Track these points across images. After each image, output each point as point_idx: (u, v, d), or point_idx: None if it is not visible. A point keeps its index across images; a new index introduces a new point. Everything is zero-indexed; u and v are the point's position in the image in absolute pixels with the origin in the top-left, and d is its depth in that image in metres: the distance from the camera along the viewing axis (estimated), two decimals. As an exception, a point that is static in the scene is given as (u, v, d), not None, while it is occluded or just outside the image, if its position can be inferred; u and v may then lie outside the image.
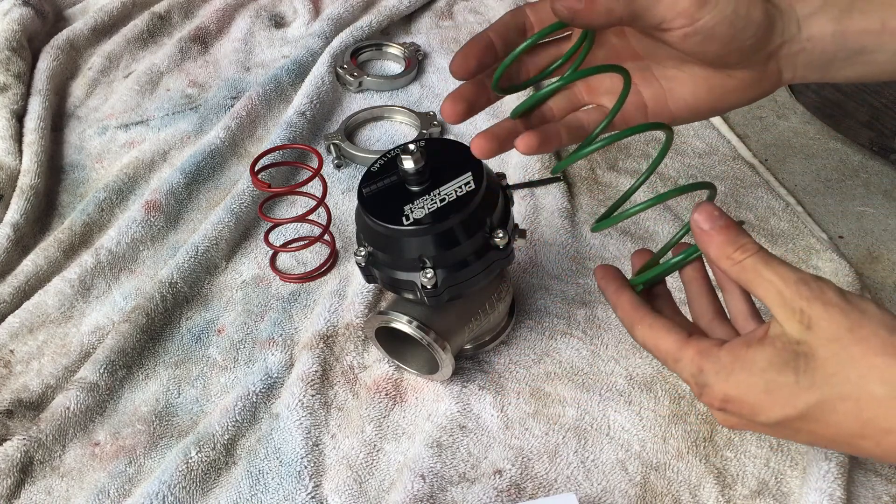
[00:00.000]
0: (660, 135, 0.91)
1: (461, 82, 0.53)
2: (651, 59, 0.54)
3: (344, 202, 0.82)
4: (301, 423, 0.62)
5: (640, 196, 0.55)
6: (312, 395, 0.64)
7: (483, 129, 0.54)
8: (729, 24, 0.48)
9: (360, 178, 0.59)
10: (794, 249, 0.74)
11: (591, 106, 0.57)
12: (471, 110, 0.53)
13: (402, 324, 0.59)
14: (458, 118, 0.52)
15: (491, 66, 0.52)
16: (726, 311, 0.52)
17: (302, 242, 0.75)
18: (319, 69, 0.94)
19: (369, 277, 0.61)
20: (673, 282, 0.56)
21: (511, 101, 0.58)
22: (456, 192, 0.55)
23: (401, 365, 0.65)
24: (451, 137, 0.88)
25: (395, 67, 0.99)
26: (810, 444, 0.50)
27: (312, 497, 0.58)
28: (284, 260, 0.77)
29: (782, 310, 0.43)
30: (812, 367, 0.42)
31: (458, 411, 0.63)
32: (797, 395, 0.42)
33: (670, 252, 0.55)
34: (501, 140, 0.53)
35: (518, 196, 0.79)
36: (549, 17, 0.54)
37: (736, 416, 0.45)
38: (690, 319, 0.54)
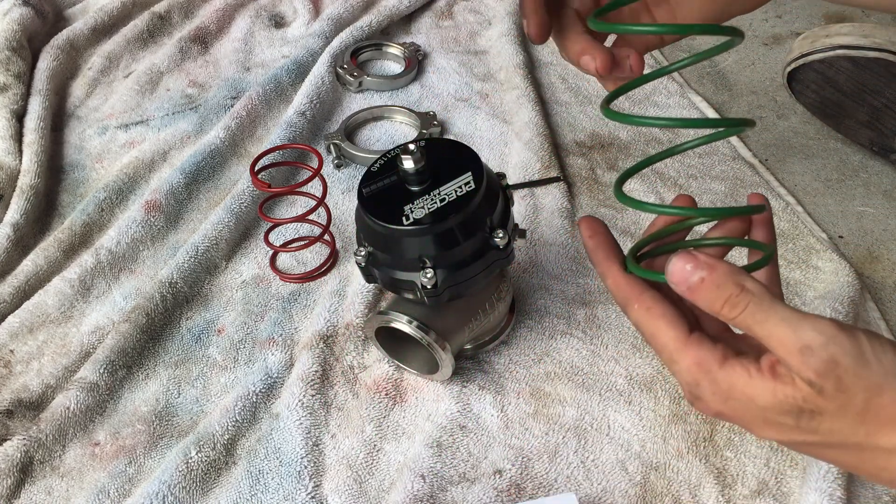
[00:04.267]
0: (660, 135, 0.91)
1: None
2: None
3: (344, 202, 0.82)
4: (301, 423, 0.62)
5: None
6: (312, 395, 0.64)
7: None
8: None
9: (360, 178, 0.59)
10: (794, 249, 0.74)
11: None
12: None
13: (402, 324, 0.59)
14: (542, 31, 0.55)
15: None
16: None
17: (302, 242, 0.75)
18: (319, 69, 0.94)
19: (369, 277, 0.61)
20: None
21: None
22: (456, 192, 0.55)
23: (401, 365, 0.65)
24: (451, 137, 0.88)
25: (395, 67, 0.99)
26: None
27: (312, 497, 0.58)
28: (284, 260, 0.77)
29: (789, 373, 0.39)
30: (816, 421, 0.39)
31: (458, 411, 0.63)
32: (796, 433, 0.40)
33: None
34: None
35: (518, 196, 0.79)
36: None
37: (727, 422, 0.44)
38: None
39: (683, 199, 0.51)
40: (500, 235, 0.56)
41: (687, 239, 0.51)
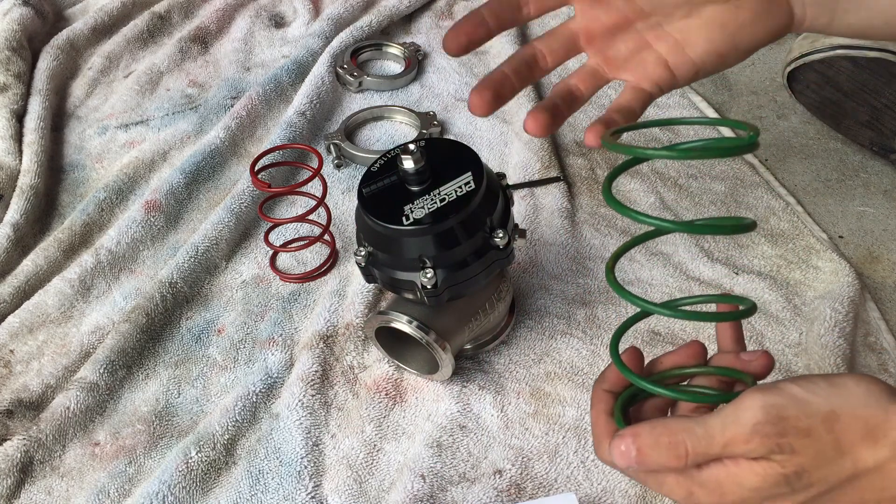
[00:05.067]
0: (659, 135, 0.91)
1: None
2: (659, 14, 0.54)
3: (344, 202, 0.82)
4: (301, 423, 0.62)
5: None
6: (312, 395, 0.64)
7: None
8: None
9: (360, 178, 0.59)
10: (794, 249, 0.74)
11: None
12: (498, 99, 0.53)
13: (402, 324, 0.59)
14: (486, 108, 0.52)
15: (482, 42, 0.53)
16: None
17: (302, 242, 0.75)
18: (319, 69, 0.94)
19: (369, 277, 0.61)
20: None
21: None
22: (456, 192, 0.55)
23: (401, 365, 0.65)
24: (451, 137, 0.88)
25: (395, 67, 0.99)
26: None
27: (312, 497, 0.58)
28: (284, 260, 0.77)
29: (756, 452, 0.41)
30: (806, 477, 0.41)
31: (458, 411, 0.63)
32: (795, 496, 0.42)
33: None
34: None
35: (518, 196, 0.79)
36: None
37: None
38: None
39: (695, 346, 0.50)
40: (500, 235, 0.56)
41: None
